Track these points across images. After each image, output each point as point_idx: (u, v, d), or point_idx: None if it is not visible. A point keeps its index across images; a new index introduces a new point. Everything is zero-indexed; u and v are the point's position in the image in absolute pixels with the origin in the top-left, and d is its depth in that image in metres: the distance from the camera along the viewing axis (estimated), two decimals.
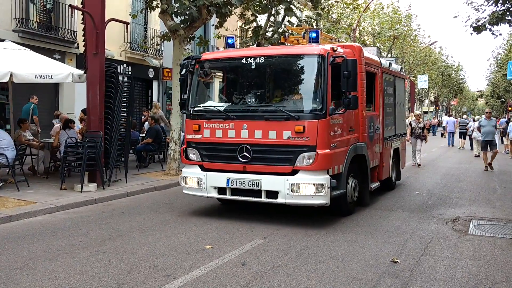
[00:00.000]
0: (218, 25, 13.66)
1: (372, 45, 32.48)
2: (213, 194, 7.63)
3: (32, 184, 9.87)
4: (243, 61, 7.68)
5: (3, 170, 10.30)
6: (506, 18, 13.21)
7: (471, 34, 14.30)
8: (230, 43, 8.47)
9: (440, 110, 73.88)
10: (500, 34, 14.91)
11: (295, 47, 9.28)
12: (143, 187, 10.38)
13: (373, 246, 6.25)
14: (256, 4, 15.03)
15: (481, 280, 5.05)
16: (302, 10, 22.54)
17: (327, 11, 24.19)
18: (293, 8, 15.14)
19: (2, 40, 11.43)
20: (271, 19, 15.83)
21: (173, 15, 12.11)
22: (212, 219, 7.70)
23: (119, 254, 5.71)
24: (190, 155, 7.82)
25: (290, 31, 13.48)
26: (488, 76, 64.65)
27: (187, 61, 8.11)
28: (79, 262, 5.39)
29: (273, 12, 15.64)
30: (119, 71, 11.99)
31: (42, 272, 5.07)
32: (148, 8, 13.46)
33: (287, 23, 15.74)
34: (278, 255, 5.77)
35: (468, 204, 9.42)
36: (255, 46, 15.22)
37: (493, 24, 13.51)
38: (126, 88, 11.01)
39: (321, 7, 18.41)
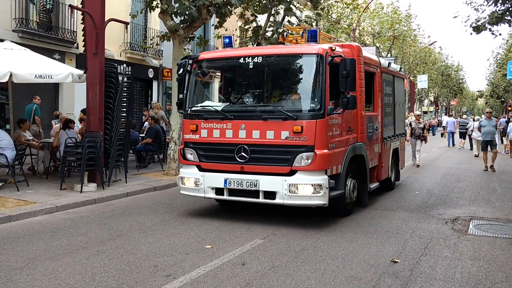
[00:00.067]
0: (218, 25, 13.65)
1: (371, 45, 32.44)
2: (210, 194, 7.60)
3: (32, 184, 9.88)
4: (241, 60, 7.63)
5: (3, 170, 10.31)
6: (506, 18, 13.20)
7: (471, 34, 14.30)
8: (227, 42, 8.41)
9: (439, 110, 73.86)
10: (500, 34, 14.93)
11: (293, 47, 9.26)
12: (143, 187, 10.38)
13: (372, 246, 6.25)
14: (256, 4, 15.04)
15: (480, 280, 5.06)
16: (302, 10, 22.53)
17: (327, 11, 24.23)
18: (293, 8, 15.14)
19: (2, 40, 11.43)
20: (271, 19, 15.82)
21: (173, 15, 12.11)
22: (212, 219, 7.69)
23: (119, 254, 5.72)
24: (188, 155, 7.78)
25: (289, 31, 13.48)
26: (488, 76, 64.79)
27: (184, 60, 8.08)
28: (79, 262, 5.39)
29: (272, 12, 15.64)
30: (119, 71, 12.01)
31: (42, 272, 5.07)
32: (148, 8, 13.45)
33: (287, 23, 15.74)
34: (278, 255, 5.77)
35: (468, 204, 9.42)
36: (254, 46, 15.22)
37: (493, 24, 13.51)
38: (126, 88, 11.02)
39: (321, 7, 18.42)
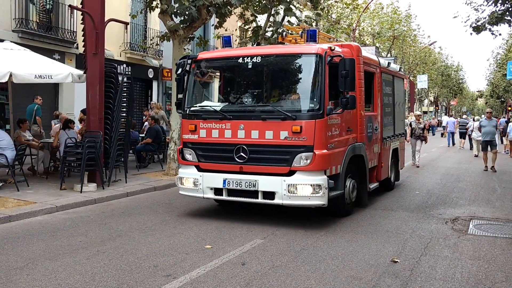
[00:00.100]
0: (217, 25, 13.65)
1: (371, 45, 32.45)
2: (209, 195, 7.58)
3: (31, 184, 9.87)
4: (240, 60, 7.60)
5: (3, 170, 10.32)
6: (506, 18, 13.21)
7: (471, 34, 14.31)
8: (226, 41, 8.39)
9: (439, 110, 73.88)
10: (500, 34, 14.94)
11: (293, 46, 9.24)
12: (142, 187, 10.38)
13: (372, 246, 6.25)
14: (256, 4, 15.04)
15: (480, 280, 5.06)
16: (302, 10, 22.54)
17: (326, 11, 24.24)
18: (292, 8, 15.13)
19: (2, 40, 11.43)
20: (271, 19, 15.82)
21: (172, 15, 12.11)
22: (212, 219, 7.69)
23: (119, 254, 5.72)
24: (186, 156, 7.77)
25: (289, 31, 13.48)
26: (488, 76, 64.78)
27: (183, 60, 8.06)
28: (79, 262, 5.39)
29: (272, 12, 15.64)
30: (118, 71, 11.99)
31: (42, 272, 5.07)
32: (148, 8, 13.46)
33: (286, 23, 15.73)
34: (278, 255, 5.77)
35: (467, 204, 9.42)
36: (254, 46, 15.21)
37: (492, 24, 13.52)
38: (125, 88, 11.02)
39: (320, 7, 18.43)
